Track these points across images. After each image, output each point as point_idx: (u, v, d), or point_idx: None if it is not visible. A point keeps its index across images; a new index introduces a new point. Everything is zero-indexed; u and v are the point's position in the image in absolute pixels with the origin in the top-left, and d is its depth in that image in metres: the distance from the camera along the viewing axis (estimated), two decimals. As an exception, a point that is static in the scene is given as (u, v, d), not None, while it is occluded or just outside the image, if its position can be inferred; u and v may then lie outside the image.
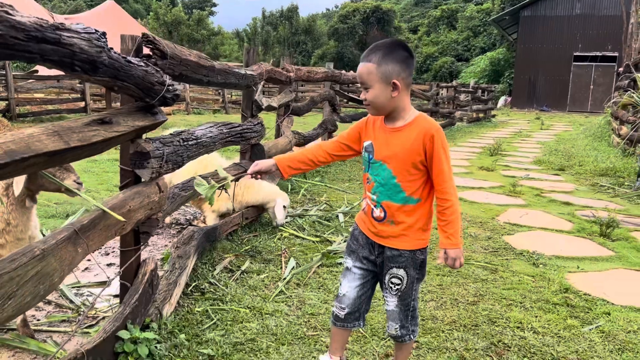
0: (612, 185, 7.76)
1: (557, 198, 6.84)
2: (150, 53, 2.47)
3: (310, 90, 22.97)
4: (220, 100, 21.63)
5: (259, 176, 2.36)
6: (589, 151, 11.40)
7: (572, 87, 33.02)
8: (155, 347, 2.47)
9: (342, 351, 2.46)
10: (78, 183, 2.38)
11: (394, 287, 2.23)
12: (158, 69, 2.40)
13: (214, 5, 69.57)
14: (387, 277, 2.24)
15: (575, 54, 32.50)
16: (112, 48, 2.00)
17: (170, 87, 2.46)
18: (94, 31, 1.86)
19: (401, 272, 2.21)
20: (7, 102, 13.29)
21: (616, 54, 30.30)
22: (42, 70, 17.33)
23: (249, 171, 2.37)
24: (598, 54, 31.84)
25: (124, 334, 2.34)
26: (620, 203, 6.69)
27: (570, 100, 33.18)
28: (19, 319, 2.65)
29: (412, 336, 2.31)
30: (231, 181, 2.63)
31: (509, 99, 35.94)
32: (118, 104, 2.79)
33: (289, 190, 6.34)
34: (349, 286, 2.33)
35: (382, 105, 2.11)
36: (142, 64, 2.23)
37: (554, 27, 32.75)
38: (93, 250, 2.21)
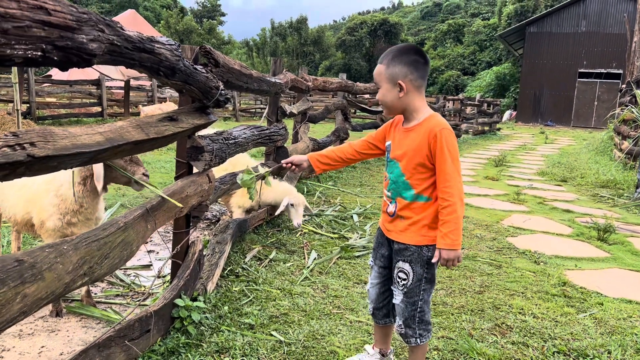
0: (611, 196, 8.13)
1: (558, 206, 7.21)
2: (206, 62, 2.87)
3: (318, 101, 23.43)
4: (231, 107, 22.09)
5: (293, 167, 2.55)
6: (591, 164, 11.77)
7: (576, 103, 33.45)
8: (204, 316, 2.86)
9: (384, 344, 2.55)
10: (145, 175, 2.77)
11: (401, 281, 2.28)
12: (214, 75, 2.79)
13: (223, 14, 70.46)
14: (395, 271, 2.31)
15: (580, 70, 32.95)
16: (183, 57, 2.40)
17: (222, 91, 2.86)
18: (173, 43, 2.26)
19: (407, 266, 2.25)
20: (28, 105, 13.74)
21: (620, 71, 30.76)
22: (53, 75, 17.91)
23: (283, 161, 2.57)
24: (602, 70, 32.29)
25: (179, 301, 2.72)
26: (619, 212, 7.05)
27: (574, 116, 33.59)
28: (84, 291, 3.04)
29: (418, 340, 2.31)
30: (268, 173, 2.96)
31: (514, 113, 36.36)
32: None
33: (305, 192, 6.73)
34: (371, 283, 2.48)
35: (391, 104, 2.23)
36: (204, 70, 2.63)
37: (559, 44, 33.26)
38: (157, 227, 2.60)
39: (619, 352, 2.90)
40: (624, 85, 15.43)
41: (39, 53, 1.41)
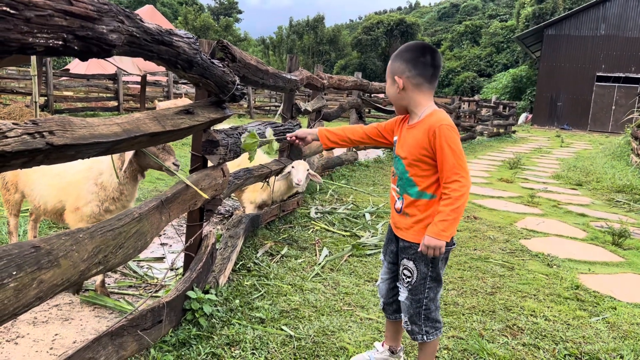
0: (627, 201, 8.03)
1: (573, 210, 7.14)
2: (223, 56, 2.89)
3: (333, 100, 23.42)
4: (246, 105, 22.17)
5: (297, 141, 2.55)
6: (607, 169, 11.64)
7: (593, 107, 33.06)
8: (216, 308, 2.88)
9: (394, 341, 2.56)
10: (176, 165, 2.81)
11: (405, 279, 2.29)
12: (231, 70, 2.81)
13: (240, 12, 70.61)
14: (400, 268, 2.32)
15: (598, 74, 32.56)
16: (201, 50, 2.42)
17: (238, 86, 2.87)
18: (192, 36, 2.28)
19: (411, 264, 2.26)
20: (46, 97, 13.90)
21: (639, 75, 30.38)
22: (71, 69, 18.09)
23: (287, 135, 2.58)
24: (621, 75, 31.88)
25: (191, 293, 2.75)
26: (634, 217, 6.96)
27: (591, 120, 33.22)
28: (98, 280, 3.08)
29: (425, 337, 2.32)
30: (274, 141, 2.98)
31: (530, 116, 36.06)
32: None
33: (318, 190, 6.75)
34: (381, 278, 2.51)
35: (392, 99, 2.27)
36: (221, 65, 2.65)
37: (577, 47, 32.88)
38: (171, 219, 2.62)
39: (631, 356, 2.88)
40: (642, 90, 15.23)
41: (60, 42, 1.43)
